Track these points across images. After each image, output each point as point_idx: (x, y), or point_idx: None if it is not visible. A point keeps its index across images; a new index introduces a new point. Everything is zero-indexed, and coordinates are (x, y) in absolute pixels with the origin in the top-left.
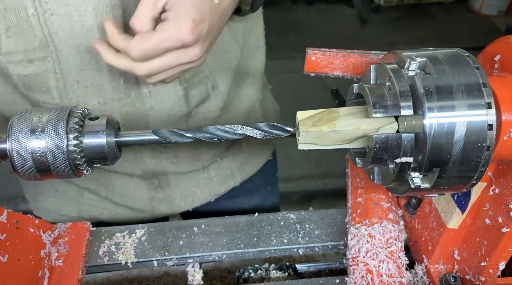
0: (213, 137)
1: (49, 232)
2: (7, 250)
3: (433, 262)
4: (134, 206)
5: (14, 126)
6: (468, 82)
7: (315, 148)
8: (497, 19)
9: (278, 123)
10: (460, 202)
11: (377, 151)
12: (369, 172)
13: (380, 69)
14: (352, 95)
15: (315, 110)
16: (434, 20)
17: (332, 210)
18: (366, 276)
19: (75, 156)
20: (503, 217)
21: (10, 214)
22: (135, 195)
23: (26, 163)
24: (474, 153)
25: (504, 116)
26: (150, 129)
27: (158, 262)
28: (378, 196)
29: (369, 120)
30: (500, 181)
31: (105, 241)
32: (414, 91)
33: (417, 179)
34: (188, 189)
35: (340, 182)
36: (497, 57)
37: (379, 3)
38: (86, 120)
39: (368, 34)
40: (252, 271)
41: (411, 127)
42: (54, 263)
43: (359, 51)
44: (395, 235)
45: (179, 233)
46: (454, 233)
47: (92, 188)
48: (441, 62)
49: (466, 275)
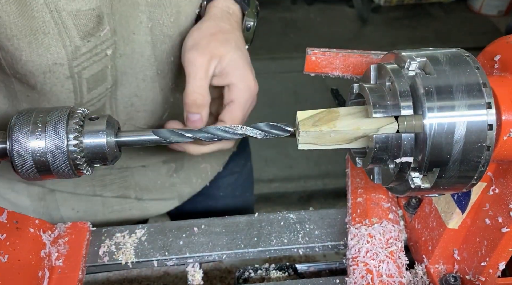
0: (213, 137)
1: (49, 232)
2: (7, 250)
3: (433, 262)
4: (161, 196)
5: (14, 126)
6: (468, 82)
7: (315, 148)
8: (497, 19)
9: (278, 123)
10: (460, 202)
11: (377, 151)
12: (369, 172)
13: (380, 69)
14: (352, 95)
15: (315, 110)
16: (434, 20)
17: (332, 210)
18: (366, 276)
19: (75, 156)
20: (503, 217)
21: (10, 214)
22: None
23: (26, 163)
24: (474, 153)
25: (504, 116)
26: (150, 130)
27: (158, 262)
28: (378, 196)
29: (369, 120)
30: (500, 181)
31: (105, 241)
32: (414, 91)
33: (417, 179)
34: (198, 166)
35: (340, 182)
36: (497, 57)
37: (379, 3)
38: (86, 121)
39: (368, 34)
40: (252, 271)
41: (411, 127)
42: (54, 263)
43: (359, 51)
44: (395, 235)
45: (179, 233)
46: (454, 233)
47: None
48: (441, 62)
49: (466, 275)
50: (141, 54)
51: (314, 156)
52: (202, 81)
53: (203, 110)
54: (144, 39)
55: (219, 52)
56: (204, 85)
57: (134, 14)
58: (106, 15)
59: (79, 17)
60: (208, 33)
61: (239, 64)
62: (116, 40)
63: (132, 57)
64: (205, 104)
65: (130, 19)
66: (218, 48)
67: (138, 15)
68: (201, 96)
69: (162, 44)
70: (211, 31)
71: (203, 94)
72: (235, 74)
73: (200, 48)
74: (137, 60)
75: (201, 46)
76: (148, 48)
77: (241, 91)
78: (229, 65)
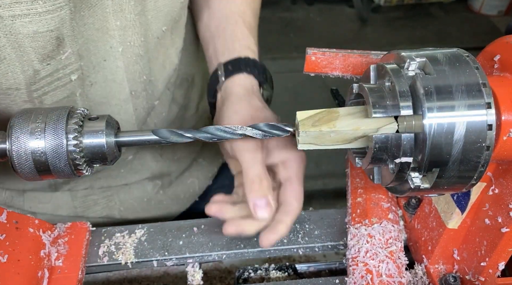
0: (213, 137)
1: (49, 232)
2: (7, 250)
3: (433, 262)
4: (148, 215)
5: (14, 126)
6: (468, 82)
7: (315, 148)
8: (497, 19)
9: (278, 124)
10: (460, 202)
11: (377, 151)
12: (368, 172)
13: (380, 69)
14: (352, 95)
15: (315, 110)
16: (434, 20)
17: (332, 210)
18: (366, 276)
19: (75, 156)
20: (502, 217)
21: (10, 214)
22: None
23: (26, 163)
24: (473, 153)
25: (504, 116)
26: (150, 130)
27: (158, 262)
28: (378, 196)
29: (369, 121)
30: (500, 181)
31: (105, 241)
32: (413, 91)
33: (417, 179)
34: (186, 181)
35: (340, 182)
36: (496, 57)
37: (379, 3)
38: (86, 121)
39: (368, 34)
40: (252, 271)
41: (411, 127)
42: (54, 263)
43: (359, 51)
44: (395, 235)
45: (179, 233)
46: (454, 233)
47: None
48: (441, 62)
49: (466, 275)
50: (114, 80)
51: (314, 156)
52: (260, 165)
53: (269, 194)
54: (115, 64)
55: None
56: (264, 169)
57: (103, 39)
58: (67, 37)
59: (37, 39)
60: (248, 116)
61: (288, 139)
62: (83, 66)
63: (105, 85)
64: (270, 187)
65: (99, 44)
66: None
67: (107, 40)
68: (266, 180)
69: (134, 65)
70: (249, 112)
71: (267, 177)
72: (286, 149)
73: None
74: (110, 87)
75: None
76: (120, 72)
77: (297, 164)
78: (279, 142)
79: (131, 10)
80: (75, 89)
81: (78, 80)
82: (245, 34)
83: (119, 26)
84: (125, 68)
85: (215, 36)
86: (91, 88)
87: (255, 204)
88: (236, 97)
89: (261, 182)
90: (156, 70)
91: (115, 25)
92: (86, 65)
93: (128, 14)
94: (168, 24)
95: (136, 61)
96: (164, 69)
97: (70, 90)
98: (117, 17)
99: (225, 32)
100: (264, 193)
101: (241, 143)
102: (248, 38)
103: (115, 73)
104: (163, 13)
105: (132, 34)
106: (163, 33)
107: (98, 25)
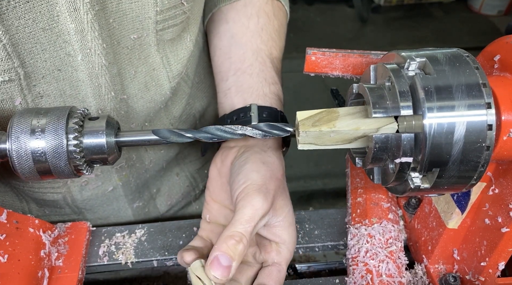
0: (212, 137)
1: (49, 232)
2: (7, 250)
3: (433, 262)
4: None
5: (14, 126)
6: (468, 82)
7: (315, 148)
8: (497, 19)
9: (278, 123)
10: (460, 202)
11: (377, 151)
12: (368, 172)
13: (380, 69)
14: (352, 95)
15: (315, 110)
16: (434, 20)
17: (332, 210)
18: (366, 276)
19: (75, 156)
20: (502, 217)
21: (10, 214)
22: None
23: (26, 163)
24: (473, 153)
25: (504, 116)
26: (150, 130)
27: (158, 262)
28: (378, 196)
29: (369, 121)
30: (500, 181)
31: (105, 241)
32: (413, 91)
33: (417, 179)
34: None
35: (340, 182)
36: (496, 57)
37: (379, 3)
38: (86, 121)
39: (368, 34)
40: None
41: (411, 127)
42: (54, 263)
43: (359, 51)
44: (394, 235)
45: (179, 233)
46: (453, 233)
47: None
48: (441, 62)
49: (466, 275)
50: (74, 96)
51: (314, 156)
52: (252, 228)
53: (237, 260)
54: (75, 76)
55: (279, 205)
56: (253, 233)
57: (55, 43)
58: None
59: None
60: (268, 176)
61: (292, 221)
62: (23, 71)
63: (62, 101)
64: (242, 255)
65: (49, 48)
66: (278, 199)
67: (61, 46)
68: (244, 246)
69: (99, 78)
70: (268, 174)
71: (246, 244)
72: (288, 231)
73: (267, 193)
74: (70, 103)
75: (268, 191)
76: (83, 87)
77: (289, 252)
78: (284, 221)
79: (87, 10)
80: (11, 95)
81: (14, 87)
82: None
83: (75, 29)
84: (89, 82)
85: (239, 69)
86: (42, 100)
87: (218, 257)
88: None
89: (238, 243)
90: (133, 89)
91: (70, 28)
92: (31, 72)
93: (83, 14)
94: (138, 32)
95: (101, 73)
96: (147, 91)
97: (4, 94)
98: (72, 18)
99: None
100: (233, 255)
101: (256, 196)
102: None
103: (76, 87)
104: (129, 18)
105: (92, 39)
106: (133, 42)
107: (43, 24)
